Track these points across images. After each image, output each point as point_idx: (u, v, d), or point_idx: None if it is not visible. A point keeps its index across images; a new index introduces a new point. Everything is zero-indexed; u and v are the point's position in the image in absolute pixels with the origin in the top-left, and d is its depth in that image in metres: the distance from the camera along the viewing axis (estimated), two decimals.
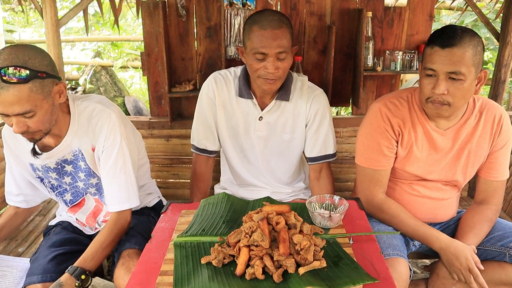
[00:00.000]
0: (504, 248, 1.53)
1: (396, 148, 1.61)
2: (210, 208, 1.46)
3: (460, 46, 1.38)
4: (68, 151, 1.56)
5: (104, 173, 1.54)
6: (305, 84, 1.81)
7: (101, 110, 1.52)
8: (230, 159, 1.92)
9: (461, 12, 3.79)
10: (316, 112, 1.79)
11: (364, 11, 2.11)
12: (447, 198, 1.69)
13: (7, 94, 1.25)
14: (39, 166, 1.60)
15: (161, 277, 1.13)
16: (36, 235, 2.10)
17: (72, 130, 1.52)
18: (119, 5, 2.31)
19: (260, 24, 1.59)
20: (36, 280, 1.45)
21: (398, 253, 1.47)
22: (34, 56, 1.31)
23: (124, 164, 1.54)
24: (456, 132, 1.58)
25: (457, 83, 1.41)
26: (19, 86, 1.26)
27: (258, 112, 1.79)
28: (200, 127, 1.87)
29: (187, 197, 2.35)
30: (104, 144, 1.52)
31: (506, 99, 4.78)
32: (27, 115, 1.31)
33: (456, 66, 1.38)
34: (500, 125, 1.58)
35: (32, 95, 1.29)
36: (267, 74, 1.62)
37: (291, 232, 1.19)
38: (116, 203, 1.54)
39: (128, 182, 1.55)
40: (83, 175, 1.61)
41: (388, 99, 1.63)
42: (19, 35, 6.69)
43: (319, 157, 1.84)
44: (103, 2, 2.42)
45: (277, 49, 1.58)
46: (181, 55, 2.30)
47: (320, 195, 1.40)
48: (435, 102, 1.45)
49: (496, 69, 2.33)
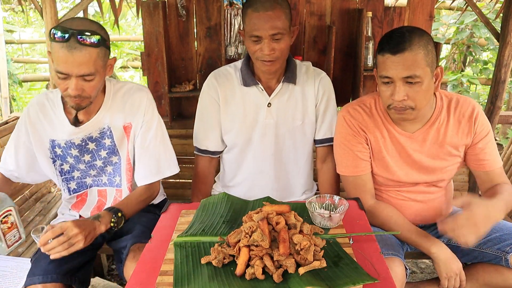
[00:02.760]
0: (501, 252, 1.52)
1: (369, 151, 1.62)
2: (210, 208, 1.46)
3: (411, 50, 1.37)
4: (96, 128, 1.62)
5: (144, 146, 1.64)
6: (310, 68, 1.83)
7: (138, 88, 1.67)
8: (234, 156, 1.89)
9: (461, 12, 3.80)
10: (323, 93, 1.81)
11: (364, 11, 2.11)
12: (434, 198, 1.69)
13: (79, 54, 1.38)
14: (62, 142, 1.62)
15: (161, 277, 1.13)
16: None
17: (105, 107, 1.61)
18: (119, 5, 2.31)
19: (254, 6, 1.60)
20: (37, 281, 1.45)
21: (394, 253, 1.47)
22: (101, 27, 1.47)
23: (162, 136, 1.69)
24: (425, 133, 1.58)
25: (415, 86, 1.41)
26: (90, 49, 1.40)
27: (266, 98, 1.77)
28: (201, 128, 1.86)
29: (187, 197, 2.35)
30: (143, 119, 1.63)
31: (506, 99, 4.78)
32: (88, 78, 1.43)
33: (411, 70, 1.38)
34: (473, 118, 1.57)
35: (97, 60, 1.43)
36: (263, 56, 1.63)
37: (291, 232, 1.19)
38: (155, 173, 1.66)
39: (168, 152, 1.70)
40: (105, 153, 1.65)
41: (351, 106, 1.65)
42: (19, 35, 6.68)
43: (325, 139, 1.85)
44: (103, 2, 2.42)
45: (270, 31, 1.58)
46: (181, 55, 2.30)
47: (320, 195, 1.40)
48: (397, 108, 1.45)
49: (496, 69, 2.33)
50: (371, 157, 1.63)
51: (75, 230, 1.33)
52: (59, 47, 1.38)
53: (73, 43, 1.37)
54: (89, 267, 1.65)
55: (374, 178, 1.67)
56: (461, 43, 4.82)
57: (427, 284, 1.70)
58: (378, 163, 1.63)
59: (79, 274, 1.54)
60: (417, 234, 1.55)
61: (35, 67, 7.06)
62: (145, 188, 1.67)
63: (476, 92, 5.13)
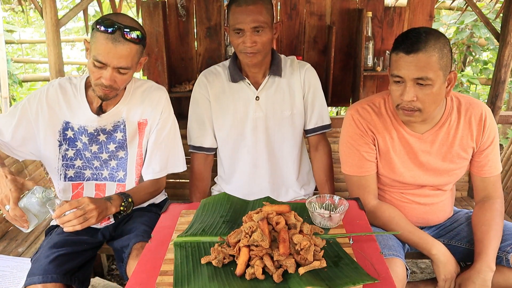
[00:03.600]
0: (502, 252, 1.51)
1: (376, 152, 1.61)
2: (210, 208, 1.46)
3: (425, 51, 1.35)
4: (111, 121, 1.66)
5: (157, 143, 1.69)
6: (294, 61, 1.90)
7: (158, 87, 1.74)
8: (228, 152, 1.92)
9: (461, 12, 3.80)
10: (310, 83, 1.87)
11: (364, 11, 2.11)
12: (438, 201, 1.68)
13: (122, 48, 1.45)
14: (76, 126, 1.64)
15: (161, 277, 1.13)
16: (36, 235, 2.11)
17: (124, 101, 1.66)
18: (119, 5, 2.31)
19: (237, 1, 1.69)
20: (36, 281, 1.44)
21: (394, 253, 1.46)
22: (141, 26, 1.56)
23: (175, 135, 1.75)
24: (435, 135, 1.57)
25: (426, 89, 1.39)
26: (132, 44, 1.47)
27: (254, 92, 1.83)
28: (195, 125, 1.91)
29: (187, 197, 2.35)
30: (160, 117, 1.69)
31: (506, 99, 4.78)
32: (123, 71, 1.50)
33: (423, 71, 1.36)
34: (483, 123, 1.56)
35: (135, 56, 1.51)
36: (245, 48, 1.70)
37: (291, 232, 1.18)
38: (163, 169, 1.72)
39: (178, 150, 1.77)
40: (113, 146, 1.68)
41: (360, 104, 1.63)
42: (19, 35, 6.68)
43: (316, 128, 1.92)
44: (103, 2, 2.42)
45: (251, 23, 1.66)
46: (181, 55, 2.30)
47: (320, 195, 1.40)
48: (405, 108, 1.44)
49: (496, 69, 2.33)
50: (377, 158, 1.62)
51: (91, 205, 1.39)
52: (104, 38, 1.44)
53: (118, 36, 1.44)
54: (89, 267, 1.65)
55: (379, 179, 1.66)
56: (461, 43, 4.82)
57: (424, 285, 1.70)
58: (385, 164, 1.62)
59: (79, 274, 1.54)
60: (418, 235, 1.55)
61: (35, 67, 7.06)
62: (153, 182, 1.72)
63: (476, 92, 5.13)
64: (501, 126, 4.57)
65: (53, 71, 2.16)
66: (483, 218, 1.57)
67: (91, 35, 1.50)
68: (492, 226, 1.53)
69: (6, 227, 2.14)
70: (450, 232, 1.69)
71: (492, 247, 1.48)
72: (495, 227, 1.53)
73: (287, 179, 1.96)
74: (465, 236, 1.64)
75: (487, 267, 1.45)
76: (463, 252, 1.62)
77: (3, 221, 2.12)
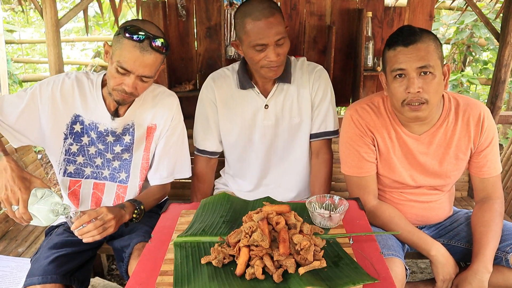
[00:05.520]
0: (501, 252, 1.51)
1: (375, 152, 1.61)
2: (210, 208, 1.46)
3: (423, 41, 1.39)
4: (122, 124, 1.65)
5: (165, 149, 1.70)
6: (304, 63, 1.83)
7: (170, 94, 1.74)
8: (236, 156, 1.91)
9: (461, 12, 3.80)
10: (318, 87, 1.80)
11: (364, 11, 2.11)
12: (436, 200, 1.68)
13: (149, 57, 1.46)
14: (87, 122, 1.64)
15: (161, 277, 1.13)
16: (36, 235, 2.11)
17: (136, 105, 1.66)
18: (119, 5, 2.31)
19: (253, 15, 1.57)
20: (36, 281, 1.44)
21: (394, 253, 1.46)
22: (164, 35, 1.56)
23: (183, 141, 1.76)
24: (432, 136, 1.56)
25: (429, 78, 1.40)
26: (158, 54, 1.48)
27: (263, 100, 1.79)
28: (200, 128, 1.88)
29: (187, 197, 2.35)
30: (171, 123, 1.70)
31: (506, 99, 4.78)
32: (146, 79, 1.50)
33: (425, 59, 1.39)
34: (481, 123, 1.55)
35: (159, 65, 1.52)
36: (270, 63, 1.63)
37: (291, 232, 1.18)
38: (170, 175, 1.74)
39: (184, 157, 1.78)
40: (119, 149, 1.67)
41: (359, 104, 1.63)
42: (19, 35, 6.69)
43: (318, 133, 1.84)
44: (103, 2, 2.42)
45: (275, 37, 1.58)
46: (181, 55, 2.30)
47: (320, 195, 1.40)
48: (412, 102, 1.43)
49: (496, 69, 2.33)
50: (377, 158, 1.62)
51: (110, 215, 1.41)
52: (131, 45, 1.43)
53: (146, 45, 1.44)
54: (89, 267, 1.65)
55: (379, 179, 1.66)
56: (461, 43, 4.82)
57: (424, 285, 1.70)
58: (385, 164, 1.62)
59: (78, 274, 1.54)
60: (418, 236, 1.55)
61: (35, 67, 7.07)
62: (160, 188, 1.74)
63: (476, 92, 5.13)
64: (501, 126, 4.56)
65: (53, 71, 2.16)
66: (482, 218, 1.57)
67: (115, 40, 1.48)
68: (490, 227, 1.53)
69: (6, 227, 2.14)
70: (449, 232, 1.69)
71: (489, 248, 1.47)
72: (494, 228, 1.53)
73: (296, 186, 1.93)
74: (465, 236, 1.64)
75: (484, 268, 1.44)
76: (462, 252, 1.62)
77: (3, 221, 2.12)
